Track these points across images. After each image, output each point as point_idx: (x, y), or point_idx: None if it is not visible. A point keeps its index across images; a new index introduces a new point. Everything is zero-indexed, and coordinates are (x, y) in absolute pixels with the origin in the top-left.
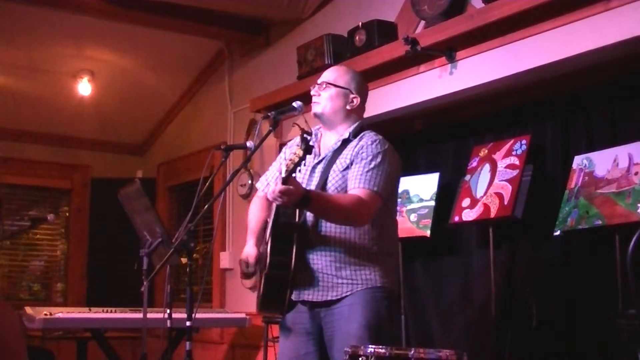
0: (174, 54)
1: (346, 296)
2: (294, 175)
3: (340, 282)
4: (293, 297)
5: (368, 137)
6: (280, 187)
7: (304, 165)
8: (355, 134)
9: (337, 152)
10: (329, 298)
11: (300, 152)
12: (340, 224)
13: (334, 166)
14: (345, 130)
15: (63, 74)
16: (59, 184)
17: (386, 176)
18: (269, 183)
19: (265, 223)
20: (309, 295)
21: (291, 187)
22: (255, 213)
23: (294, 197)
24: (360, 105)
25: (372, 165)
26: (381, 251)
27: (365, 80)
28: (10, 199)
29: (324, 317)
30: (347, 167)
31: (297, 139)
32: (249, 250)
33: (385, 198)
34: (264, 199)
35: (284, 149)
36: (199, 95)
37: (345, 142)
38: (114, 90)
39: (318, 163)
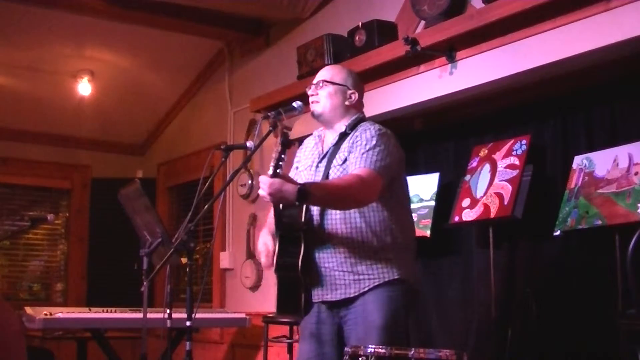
0: (174, 54)
1: (363, 292)
2: (279, 171)
3: (357, 279)
4: (313, 299)
5: (364, 127)
6: (268, 181)
7: (294, 160)
8: (352, 126)
9: (337, 146)
10: (347, 296)
11: (279, 147)
12: (347, 208)
13: (334, 161)
14: (343, 126)
15: (63, 74)
16: (59, 184)
17: (382, 156)
18: None
19: None
20: (328, 295)
21: (278, 180)
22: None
23: (287, 193)
24: (358, 100)
25: (367, 148)
26: (396, 243)
27: (360, 77)
28: (10, 199)
29: (344, 315)
30: (346, 160)
31: (307, 140)
32: (266, 240)
33: (385, 177)
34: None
35: (297, 152)
36: (199, 95)
37: (343, 136)
38: (114, 90)
39: (321, 160)
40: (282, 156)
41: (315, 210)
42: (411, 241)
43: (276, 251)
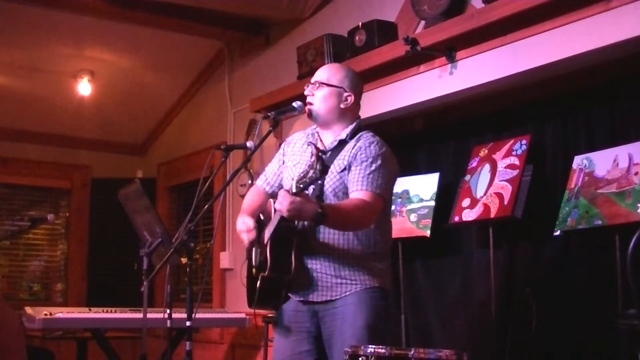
0: (174, 54)
1: (345, 296)
2: (306, 192)
3: (339, 282)
4: (294, 297)
5: (365, 138)
6: (289, 198)
7: (319, 183)
8: (352, 135)
9: (334, 153)
10: (328, 298)
11: (318, 174)
12: (350, 230)
13: (331, 167)
14: (341, 130)
15: (63, 74)
16: (59, 184)
17: (387, 178)
18: (267, 178)
19: (260, 209)
20: (310, 295)
21: (300, 199)
22: (251, 197)
23: (306, 214)
24: (354, 103)
25: (372, 168)
26: (378, 252)
27: (361, 77)
28: (10, 199)
29: (323, 316)
30: (345, 169)
31: (297, 136)
32: (245, 220)
33: (387, 200)
34: (261, 190)
35: (282, 146)
36: (199, 95)
37: (342, 143)
38: (114, 90)
39: None
40: (319, 182)
41: None
42: (389, 248)
43: (268, 252)
